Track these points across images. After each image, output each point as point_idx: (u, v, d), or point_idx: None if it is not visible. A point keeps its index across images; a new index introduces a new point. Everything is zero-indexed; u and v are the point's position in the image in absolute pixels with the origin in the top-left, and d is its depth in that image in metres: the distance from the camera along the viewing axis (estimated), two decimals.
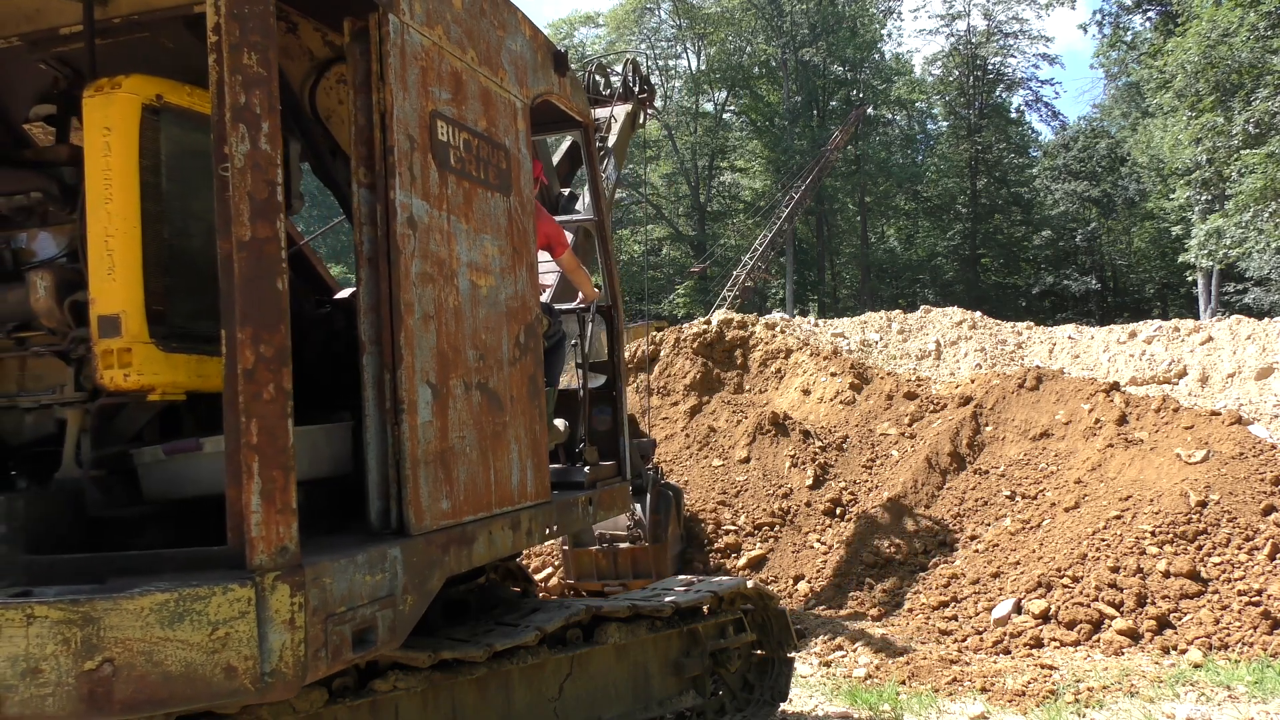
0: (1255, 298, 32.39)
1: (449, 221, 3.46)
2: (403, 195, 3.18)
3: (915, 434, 10.24)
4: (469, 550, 3.42)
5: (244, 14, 2.54)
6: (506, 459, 3.72)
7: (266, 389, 2.51)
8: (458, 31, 3.61)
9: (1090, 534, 7.46)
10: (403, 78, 3.24)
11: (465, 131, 3.61)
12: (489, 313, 3.68)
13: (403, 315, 3.13)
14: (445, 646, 3.86)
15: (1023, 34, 49.54)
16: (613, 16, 52.17)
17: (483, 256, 3.67)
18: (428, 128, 3.36)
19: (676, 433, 11.12)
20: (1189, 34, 26.41)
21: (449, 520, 3.30)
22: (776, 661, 5.30)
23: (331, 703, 3.50)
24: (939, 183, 49.98)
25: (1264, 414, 12.33)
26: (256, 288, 2.52)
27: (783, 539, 9.09)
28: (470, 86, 3.69)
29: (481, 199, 3.70)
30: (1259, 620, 6.35)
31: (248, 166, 2.52)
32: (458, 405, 3.40)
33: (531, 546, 4.00)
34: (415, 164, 3.27)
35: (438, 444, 3.25)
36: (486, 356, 3.64)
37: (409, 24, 3.28)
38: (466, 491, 3.42)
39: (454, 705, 3.94)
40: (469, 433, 3.46)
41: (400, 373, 3.11)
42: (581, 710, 4.39)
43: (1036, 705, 5.53)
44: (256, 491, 2.45)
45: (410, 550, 3.06)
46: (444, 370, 3.34)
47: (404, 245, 3.16)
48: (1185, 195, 29.93)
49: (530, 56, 4.24)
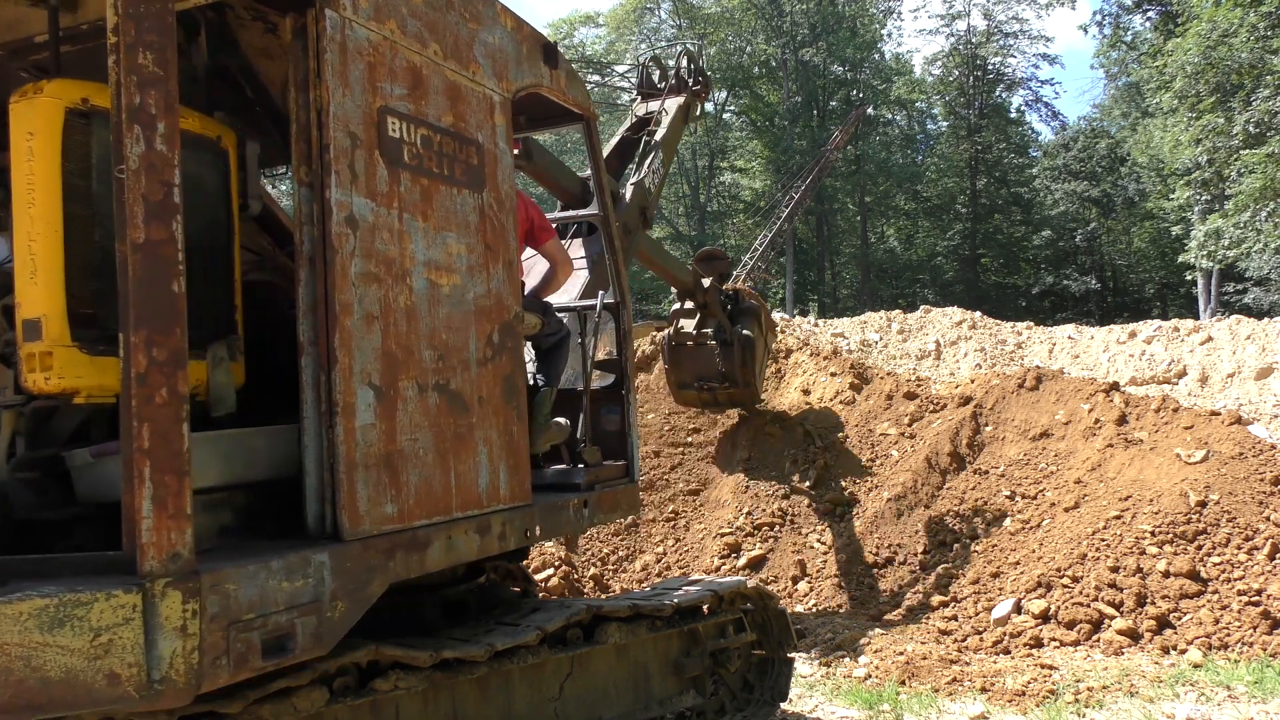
0: (1255, 298, 32.41)
1: (401, 220, 3.40)
2: (340, 194, 3.14)
3: (915, 434, 10.24)
4: (421, 555, 3.35)
5: (140, 14, 2.50)
6: (472, 461, 3.66)
7: (159, 393, 2.47)
8: (416, 25, 3.56)
9: (1090, 534, 7.47)
10: (343, 74, 3.19)
11: (425, 127, 3.56)
12: (452, 312, 3.62)
13: (338, 316, 3.08)
14: (446, 646, 3.86)
15: (1023, 34, 49.59)
16: (613, 16, 52.17)
17: (445, 255, 3.61)
18: (375, 124, 3.31)
19: (676, 431, 11.12)
20: (1189, 34, 26.40)
21: (394, 525, 3.24)
22: (776, 661, 5.30)
23: (332, 702, 3.50)
24: (939, 183, 49.99)
25: (1264, 414, 12.34)
26: (150, 290, 2.48)
27: (783, 539, 9.10)
28: (433, 81, 3.63)
29: (445, 196, 3.65)
30: (1259, 620, 6.35)
31: (142, 168, 2.48)
32: (409, 407, 3.34)
33: (504, 550, 3.91)
34: (358, 162, 3.21)
35: (382, 447, 3.20)
36: (448, 357, 3.58)
37: (352, 19, 3.23)
38: (419, 495, 3.36)
39: (454, 705, 3.94)
40: (423, 435, 3.40)
41: (335, 374, 3.06)
42: (582, 710, 4.39)
43: (1036, 705, 5.54)
44: (148, 497, 2.42)
45: (341, 556, 3.01)
46: (392, 371, 3.28)
47: (341, 245, 3.11)
48: (1185, 195, 29.93)
49: (512, 49, 4.16)
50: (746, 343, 9.80)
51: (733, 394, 10.03)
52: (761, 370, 10.45)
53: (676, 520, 9.68)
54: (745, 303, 10.19)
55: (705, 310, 9.75)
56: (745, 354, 9.78)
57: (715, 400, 10.21)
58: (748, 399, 10.28)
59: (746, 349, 9.80)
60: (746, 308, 10.13)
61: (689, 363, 10.00)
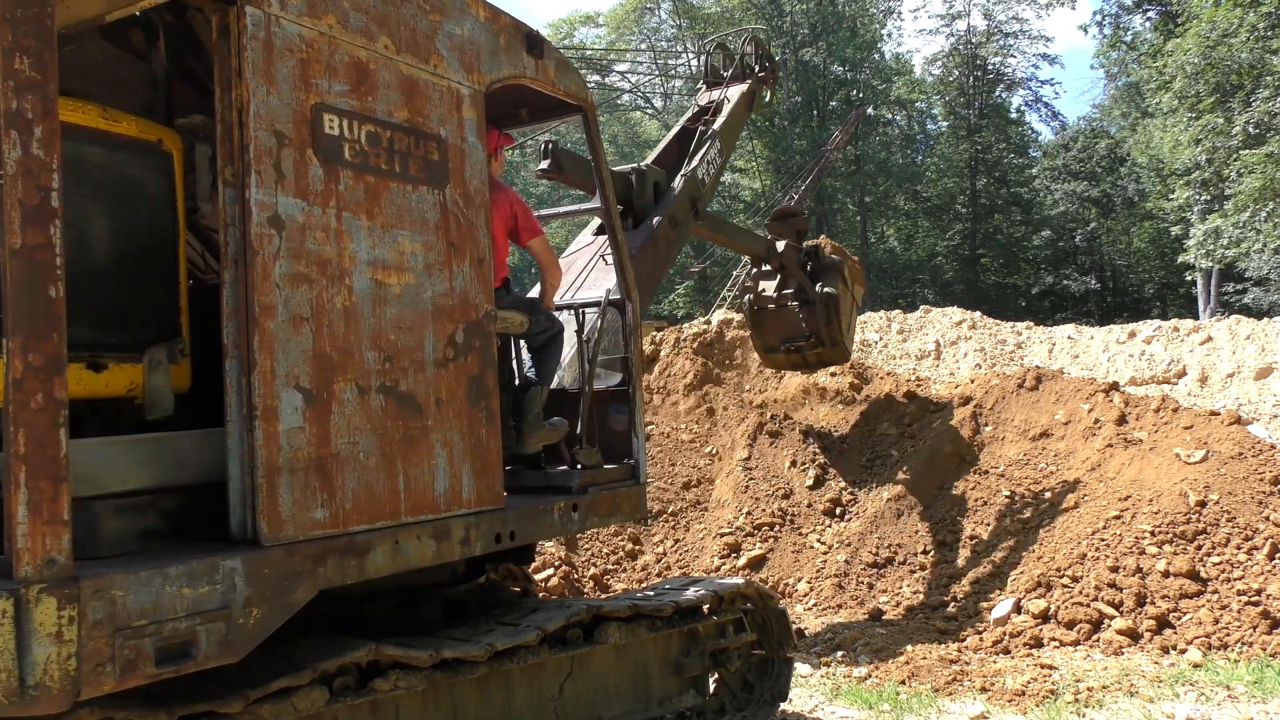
0: (1254, 298, 32.39)
1: (340, 219, 3.35)
2: (262, 194, 3.10)
3: (915, 434, 10.24)
4: (360, 561, 3.31)
5: (16, 18, 2.47)
6: (427, 464, 3.59)
7: (35, 398, 2.45)
8: (362, 20, 3.49)
9: (1090, 534, 7.47)
10: (267, 72, 3.14)
11: (372, 123, 3.50)
12: (404, 312, 3.55)
13: (258, 318, 3.04)
14: (446, 646, 3.86)
15: (1023, 34, 49.53)
16: (613, 16, 52.16)
17: (396, 254, 3.55)
18: (309, 122, 3.27)
19: (676, 432, 11.12)
20: (1189, 35, 26.39)
21: (326, 530, 3.20)
22: (776, 661, 5.29)
23: (332, 702, 3.50)
24: (939, 183, 49.95)
25: (1263, 414, 12.34)
26: (27, 296, 2.46)
27: (783, 539, 9.10)
28: (382, 76, 3.56)
29: (396, 193, 3.58)
30: (1258, 620, 6.35)
31: (19, 173, 2.46)
32: (346, 410, 3.30)
33: (467, 556, 3.82)
34: (285, 161, 3.17)
35: (312, 450, 3.16)
36: (397, 358, 3.51)
37: (279, 16, 3.19)
38: (357, 499, 3.31)
39: (454, 705, 3.94)
40: (365, 438, 3.35)
41: (255, 378, 3.03)
42: (582, 710, 4.39)
43: (1036, 705, 5.54)
44: (24, 503, 2.41)
45: (258, 562, 2.98)
46: (325, 374, 3.23)
47: (262, 246, 3.07)
48: (1185, 195, 29.92)
49: (486, 40, 4.07)
50: (830, 300, 9.49)
51: (822, 354, 9.78)
52: (850, 326, 10.14)
53: (676, 520, 9.68)
54: (826, 258, 9.86)
55: (784, 271, 9.48)
56: (830, 311, 9.48)
57: (806, 362, 10.00)
58: (838, 358, 10.03)
59: (831, 306, 9.49)
60: (828, 263, 9.80)
61: (773, 326, 9.76)
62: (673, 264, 8.79)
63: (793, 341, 9.67)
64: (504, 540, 3.98)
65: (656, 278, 7.02)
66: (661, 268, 7.06)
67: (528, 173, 45.81)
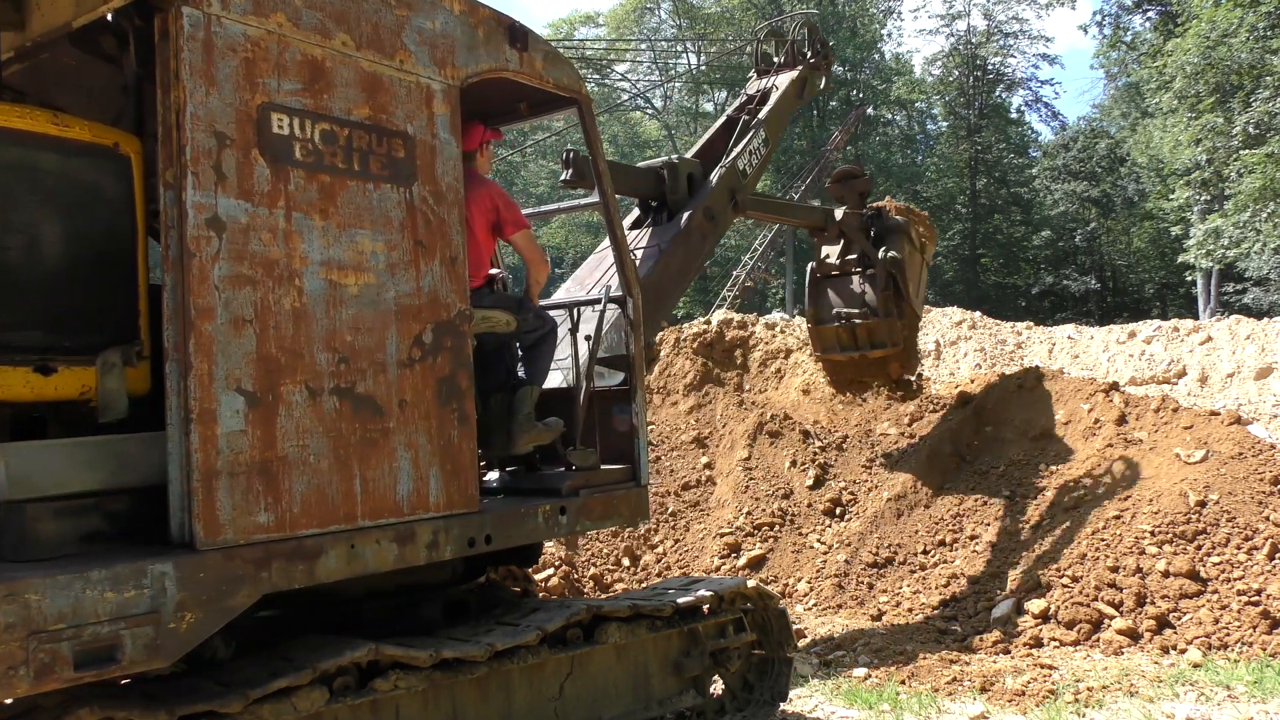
0: (1254, 298, 32.38)
1: (289, 219, 3.33)
2: (200, 196, 3.08)
3: (915, 434, 10.24)
4: (310, 565, 3.29)
5: None
6: (388, 467, 3.55)
7: None
8: (317, 17, 3.46)
9: (1090, 534, 7.47)
10: (207, 72, 3.13)
11: (327, 122, 3.47)
12: (362, 313, 3.52)
13: (194, 321, 3.03)
14: (446, 646, 3.86)
15: (1023, 34, 49.54)
16: (613, 16, 52.17)
17: (354, 254, 3.52)
18: (254, 122, 3.25)
19: (676, 432, 11.12)
20: (1188, 35, 26.38)
21: (270, 534, 3.19)
22: (776, 661, 5.29)
23: (332, 702, 3.50)
24: (939, 183, 49.94)
25: (1263, 414, 12.35)
26: None
27: (783, 539, 9.10)
28: (340, 73, 3.53)
29: (355, 192, 3.55)
30: (1258, 620, 6.35)
31: None
32: (295, 412, 3.28)
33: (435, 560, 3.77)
34: (227, 162, 3.16)
35: (255, 454, 3.15)
36: (355, 359, 3.48)
37: (220, 15, 3.18)
38: (307, 503, 3.29)
39: (454, 705, 3.94)
40: (316, 441, 3.33)
41: (191, 380, 3.02)
42: (582, 710, 4.39)
43: (1036, 705, 5.53)
44: None
45: (192, 566, 2.97)
46: (270, 376, 3.22)
47: (199, 248, 3.07)
48: (1185, 195, 29.92)
49: (461, 34, 4.01)
50: (895, 264, 8.92)
51: (872, 327, 9.11)
52: (920, 290, 9.52)
53: (676, 520, 9.68)
54: (890, 220, 9.26)
55: (847, 238, 9.02)
56: (891, 279, 8.87)
57: (854, 337, 9.22)
58: (887, 335, 9.17)
59: (895, 271, 8.91)
60: (892, 225, 9.19)
61: (829, 295, 9.20)
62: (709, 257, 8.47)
63: (846, 312, 9.04)
64: (478, 545, 3.90)
65: (689, 272, 6.86)
66: (695, 262, 6.89)
67: (528, 172, 45.81)
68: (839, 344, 9.44)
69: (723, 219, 7.14)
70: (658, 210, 6.98)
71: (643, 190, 6.95)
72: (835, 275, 9.25)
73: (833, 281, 9.30)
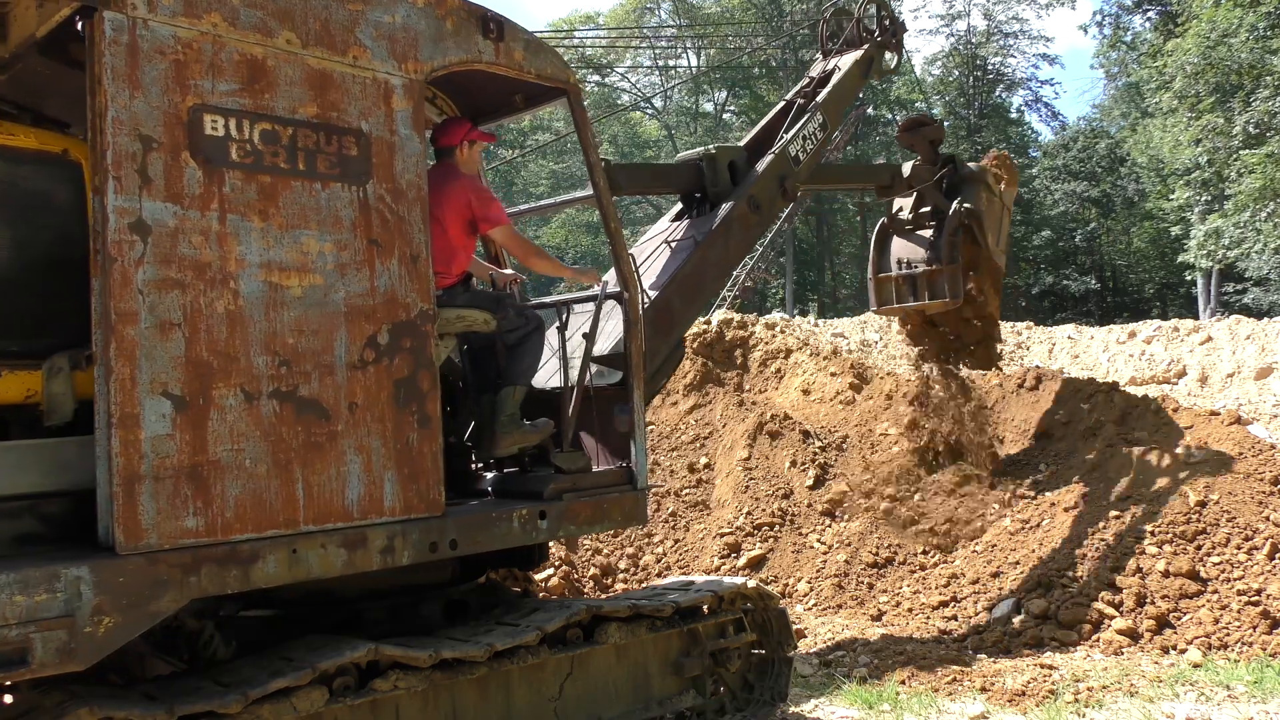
0: (1254, 298, 32.36)
1: (223, 221, 3.29)
2: (122, 201, 3.07)
3: (915, 434, 10.22)
4: (245, 570, 3.25)
5: None
6: (335, 471, 3.50)
7: None
8: (257, 15, 3.42)
9: (1090, 534, 7.47)
10: (131, 76, 3.11)
11: (268, 121, 3.43)
12: (307, 314, 3.47)
13: (115, 326, 3.02)
14: (445, 646, 3.86)
15: (1023, 34, 49.53)
16: (613, 17, 52.18)
17: (298, 254, 3.47)
18: (185, 124, 3.22)
19: (676, 432, 11.12)
20: (1188, 35, 26.38)
21: (200, 538, 3.16)
22: (776, 661, 5.29)
23: (331, 702, 3.50)
24: None
25: (1263, 414, 12.34)
26: None
27: (783, 539, 9.09)
28: (284, 72, 3.48)
29: (300, 192, 3.50)
30: (1258, 620, 6.35)
31: None
32: (229, 416, 3.24)
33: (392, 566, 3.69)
34: (154, 165, 3.14)
35: (183, 458, 3.13)
36: (298, 362, 3.44)
37: (146, 18, 3.15)
38: (241, 507, 3.25)
39: (454, 705, 3.94)
40: (253, 445, 3.29)
41: (112, 384, 3.00)
42: (582, 710, 4.39)
43: (1036, 705, 5.53)
44: None
45: (111, 570, 2.96)
46: (201, 380, 3.19)
47: (120, 253, 3.05)
48: (1185, 196, 29.92)
49: (425, 26, 3.92)
50: (970, 215, 8.49)
51: (933, 275, 8.57)
52: (1001, 240, 9.00)
53: (676, 520, 9.68)
54: (964, 167, 8.85)
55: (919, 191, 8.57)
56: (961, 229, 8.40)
57: (913, 287, 8.66)
58: (949, 284, 8.57)
59: (971, 221, 8.48)
60: (966, 173, 8.79)
61: (893, 247, 8.77)
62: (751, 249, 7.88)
63: (909, 263, 8.53)
64: (442, 550, 3.82)
65: (729, 265, 6.53)
66: (736, 254, 6.54)
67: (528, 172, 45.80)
68: (896, 295, 8.93)
69: (769, 208, 6.78)
70: (701, 202, 6.66)
71: (682, 185, 6.67)
72: (906, 230, 8.82)
73: (899, 234, 8.86)
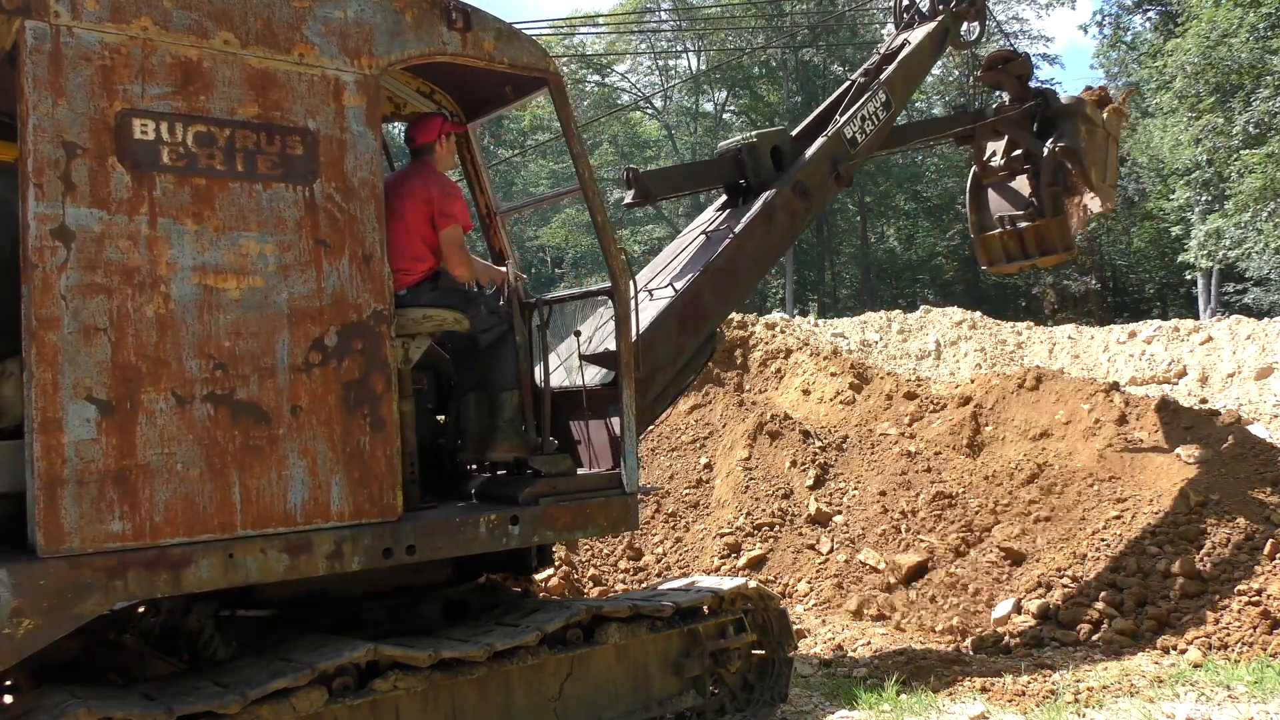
0: (1255, 298, 32.34)
1: (153, 225, 3.28)
2: (44, 207, 3.08)
3: (915, 434, 10.23)
4: (175, 574, 3.24)
5: None
6: (276, 475, 3.46)
7: None
8: (190, 17, 3.40)
9: (1090, 534, 7.47)
10: (54, 84, 3.11)
11: (202, 123, 3.41)
12: (245, 317, 3.45)
13: (36, 331, 3.04)
14: (445, 646, 3.86)
15: (1023, 34, 49.53)
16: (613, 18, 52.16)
17: (235, 257, 3.44)
18: (113, 130, 3.22)
19: (675, 432, 11.12)
20: (1188, 35, 26.38)
21: (125, 542, 3.16)
22: (776, 662, 5.28)
23: (331, 703, 3.50)
24: (939, 182, 49.95)
25: (1264, 414, 12.31)
26: None
27: (783, 539, 9.09)
28: (221, 73, 3.45)
29: (238, 193, 3.48)
30: (1259, 620, 6.35)
31: None
32: (159, 420, 3.24)
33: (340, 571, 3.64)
34: (79, 171, 3.14)
35: (108, 463, 3.13)
36: (235, 365, 3.41)
37: (71, 25, 3.15)
38: (172, 511, 3.25)
39: (454, 705, 3.94)
40: (185, 449, 3.28)
41: (34, 390, 3.02)
42: (581, 710, 4.39)
43: (1036, 705, 5.53)
44: None
45: (31, 573, 2.98)
46: (129, 384, 3.19)
47: (42, 259, 3.07)
48: (1185, 196, 29.92)
49: (381, 20, 3.84)
50: (1068, 154, 7.73)
51: (1041, 229, 7.97)
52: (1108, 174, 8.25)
53: (676, 520, 9.68)
54: (1058, 102, 7.95)
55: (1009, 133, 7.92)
56: (1060, 172, 7.75)
57: (1021, 244, 8.08)
58: (1059, 237, 8.01)
59: (1069, 160, 7.75)
60: (1060, 108, 7.91)
61: (992, 200, 8.16)
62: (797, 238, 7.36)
63: (1011, 216, 7.93)
64: (397, 555, 3.75)
65: (769, 255, 6.17)
66: (779, 243, 6.20)
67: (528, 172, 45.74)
68: (1005, 254, 8.38)
69: (820, 194, 6.36)
70: (746, 191, 6.34)
71: (723, 179, 6.39)
72: (1001, 176, 8.17)
73: (996, 184, 8.23)
